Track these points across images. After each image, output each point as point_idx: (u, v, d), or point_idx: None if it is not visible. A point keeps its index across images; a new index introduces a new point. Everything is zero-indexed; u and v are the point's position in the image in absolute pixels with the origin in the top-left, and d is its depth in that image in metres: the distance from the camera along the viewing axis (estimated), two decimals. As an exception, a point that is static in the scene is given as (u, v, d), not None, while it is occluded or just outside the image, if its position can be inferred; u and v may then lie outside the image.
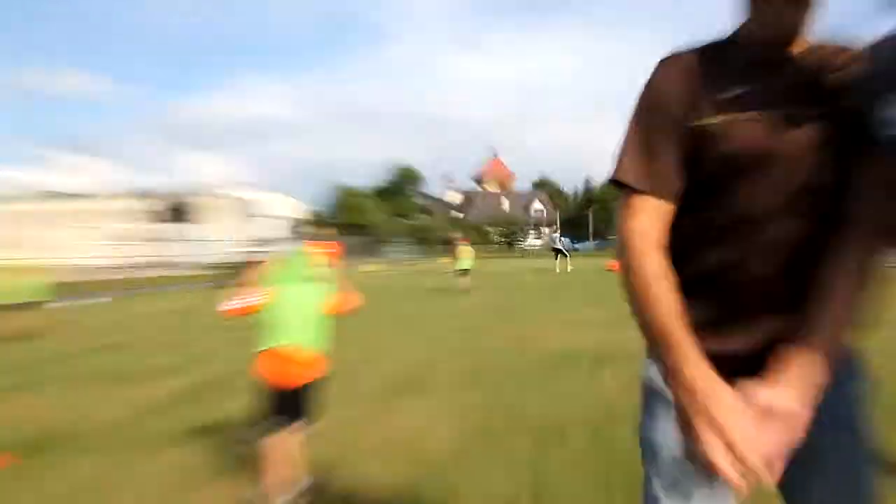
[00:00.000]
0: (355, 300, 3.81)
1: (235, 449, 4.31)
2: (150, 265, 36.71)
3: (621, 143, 1.40)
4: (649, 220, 1.34)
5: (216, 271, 25.64)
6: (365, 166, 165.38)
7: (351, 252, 62.88)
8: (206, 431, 4.78)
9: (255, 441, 3.60)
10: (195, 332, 10.31)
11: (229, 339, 9.02)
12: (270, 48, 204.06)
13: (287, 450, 3.43)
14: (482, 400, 5.50)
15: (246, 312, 3.48)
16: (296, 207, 60.50)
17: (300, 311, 3.45)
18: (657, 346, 1.24)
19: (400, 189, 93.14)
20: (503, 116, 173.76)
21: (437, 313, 12.53)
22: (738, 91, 1.31)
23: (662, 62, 1.40)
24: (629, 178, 1.36)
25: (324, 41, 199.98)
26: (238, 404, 5.45)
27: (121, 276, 28.30)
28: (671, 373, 1.21)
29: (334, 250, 3.91)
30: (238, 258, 24.83)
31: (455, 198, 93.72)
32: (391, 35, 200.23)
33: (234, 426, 4.85)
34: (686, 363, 1.19)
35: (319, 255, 3.71)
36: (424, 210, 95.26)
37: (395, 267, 40.28)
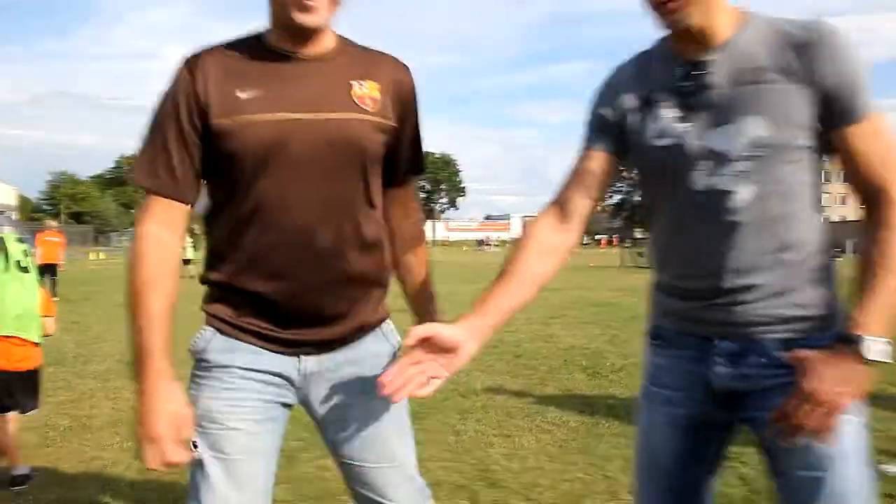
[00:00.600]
0: (51, 307, 3.54)
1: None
2: None
3: (141, 145, 1.36)
4: (161, 222, 1.33)
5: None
6: (89, 154, 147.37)
7: (75, 241, 56.33)
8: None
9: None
10: None
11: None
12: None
13: (5, 435, 3.25)
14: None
15: None
16: (8, 192, 52.34)
17: (13, 299, 3.23)
18: (143, 335, 1.28)
19: (128, 179, 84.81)
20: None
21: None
22: (250, 94, 1.31)
23: (184, 61, 1.35)
24: (141, 179, 1.34)
25: (35, 13, 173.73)
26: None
27: None
28: (140, 358, 1.28)
29: (56, 240, 3.68)
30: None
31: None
32: (112, 14, 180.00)
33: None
34: (147, 368, 1.27)
35: (27, 245, 3.49)
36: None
37: (123, 256, 36.78)
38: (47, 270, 11.08)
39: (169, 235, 1.34)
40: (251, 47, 1.37)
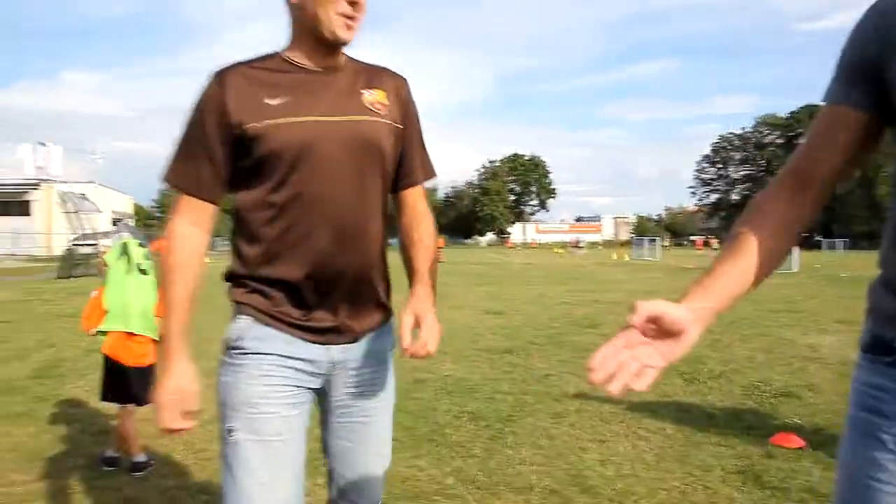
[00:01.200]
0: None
1: (85, 425, 4.28)
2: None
3: (173, 150, 1.52)
4: (188, 218, 1.50)
5: (48, 263, 23.42)
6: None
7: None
8: (53, 410, 4.66)
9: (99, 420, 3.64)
10: (33, 321, 9.56)
11: (65, 328, 8.53)
12: (94, 42, 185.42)
13: (127, 427, 3.49)
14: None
15: (93, 314, 3.51)
16: (125, 201, 56.15)
17: (136, 299, 3.48)
18: (166, 317, 1.48)
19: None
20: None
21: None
22: (278, 100, 1.45)
23: (214, 75, 1.49)
24: (171, 180, 1.52)
25: (150, 36, 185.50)
26: (82, 385, 5.36)
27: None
28: (162, 338, 1.51)
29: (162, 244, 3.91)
30: (70, 251, 22.84)
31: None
32: (214, 33, 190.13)
33: (79, 405, 4.77)
34: (165, 346, 1.48)
35: (148, 248, 3.74)
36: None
37: (228, 259, 38.66)
38: None
39: (194, 231, 1.51)
40: (274, 62, 1.53)
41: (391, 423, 1.70)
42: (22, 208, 42.07)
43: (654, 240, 41.48)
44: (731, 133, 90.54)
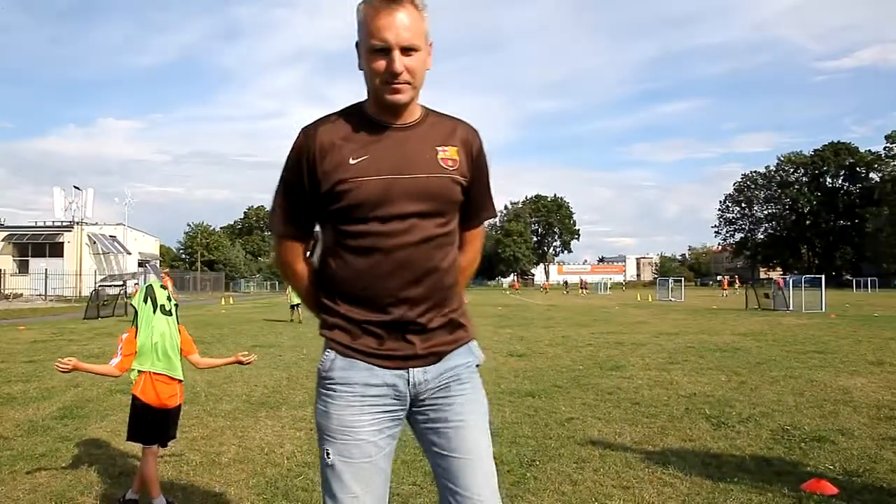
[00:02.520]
0: (193, 346, 3.76)
1: (105, 466, 4.28)
2: (8, 298, 33.23)
3: (272, 199, 1.79)
4: (288, 252, 1.83)
5: (76, 304, 23.78)
6: (220, 207, 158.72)
7: (209, 286, 60.34)
8: (75, 451, 4.67)
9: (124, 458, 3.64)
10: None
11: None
12: (125, 86, 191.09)
13: (150, 467, 3.49)
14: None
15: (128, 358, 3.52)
16: (153, 243, 57.12)
17: (161, 339, 3.50)
18: (309, 306, 1.87)
19: (254, 229, 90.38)
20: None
21: (287, 343, 12.53)
22: (359, 159, 1.66)
23: (303, 132, 1.72)
24: (274, 228, 1.81)
25: (178, 83, 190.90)
26: (104, 426, 5.37)
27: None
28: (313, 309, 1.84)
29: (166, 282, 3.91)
30: (97, 291, 23.20)
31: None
32: (244, 82, 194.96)
33: (101, 446, 4.78)
34: (311, 309, 1.86)
35: (170, 289, 3.79)
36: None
37: (248, 301, 39.00)
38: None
39: (291, 260, 1.85)
40: (356, 118, 1.72)
41: (486, 433, 1.80)
42: (54, 250, 43.01)
43: (678, 280, 41.00)
44: (754, 172, 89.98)
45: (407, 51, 1.63)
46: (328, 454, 1.68)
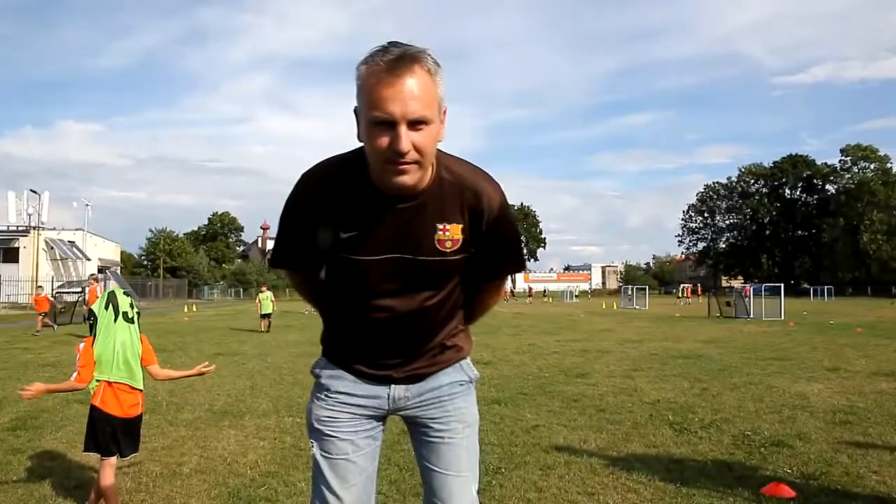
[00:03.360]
0: (153, 356, 3.64)
1: (60, 479, 4.16)
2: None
3: (276, 236, 1.78)
4: (294, 277, 1.83)
5: (32, 311, 23.11)
6: (183, 212, 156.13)
7: (171, 293, 59.25)
8: (28, 463, 4.52)
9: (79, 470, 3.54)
10: (14, 369, 9.37)
11: (46, 378, 8.35)
12: (85, 90, 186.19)
13: (108, 479, 3.38)
14: (293, 422, 5.69)
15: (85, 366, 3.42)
16: (113, 249, 55.92)
17: (124, 348, 3.42)
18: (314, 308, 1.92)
19: (219, 235, 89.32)
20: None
21: (251, 351, 12.36)
22: (350, 234, 1.59)
23: (304, 180, 1.64)
24: (275, 263, 1.78)
25: (140, 86, 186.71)
26: (59, 437, 5.22)
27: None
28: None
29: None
30: (54, 298, 22.59)
31: (270, 245, 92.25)
32: (209, 86, 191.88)
33: (56, 458, 4.65)
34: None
35: (133, 298, 3.68)
36: (243, 256, 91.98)
37: (212, 308, 38.40)
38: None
39: (300, 281, 1.86)
40: (357, 181, 1.57)
41: (471, 446, 1.85)
42: (9, 255, 41.80)
43: (642, 289, 41.58)
44: (716, 182, 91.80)
45: (415, 124, 1.40)
46: (312, 446, 1.78)
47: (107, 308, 3.48)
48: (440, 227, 1.58)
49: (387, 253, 1.59)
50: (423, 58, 1.42)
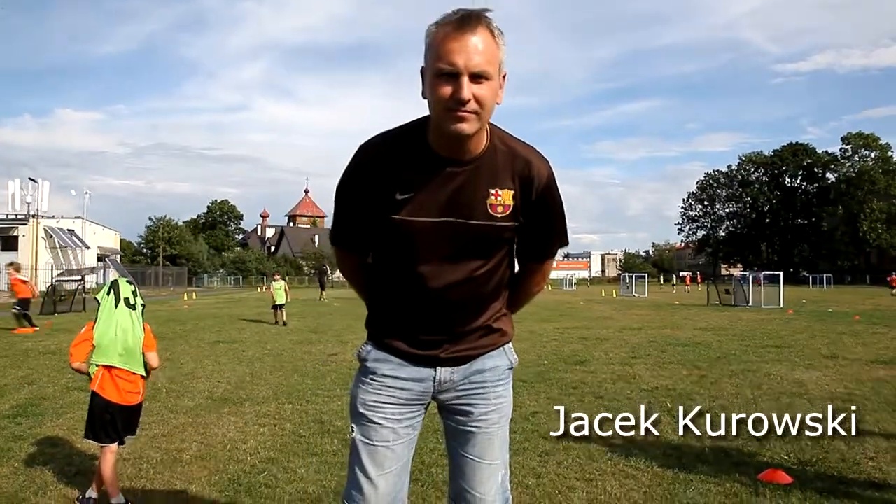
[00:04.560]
0: (154, 342, 3.63)
1: (61, 466, 4.18)
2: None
3: (333, 213, 1.82)
4: (346, 260, 1.90)
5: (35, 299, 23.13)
6: (183, 200, 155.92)
7: (171, 281, 59.30)
8: (29, 450, 4.54)
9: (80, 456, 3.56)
10: (14, 356, 9.40)
11: (47, 365, 8.41)
12: (84, 78, 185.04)
13: (109, 466, 3.41)
14: (293, 409, 5.71)
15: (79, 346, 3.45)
16: (113, 237, 55.88)
17: (124, 333, 3.44)
18: (361, 297, 1.96)
19: (218, 223, 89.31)
20: (315, 159, 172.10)
21: (251, 339, 12.38)
22: (406, 196, 1.65)
23: (362, 149, 1.71)
24: (334, 241, 1.85)
25: (140, 74, 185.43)
26: (60, 424, 5.25)
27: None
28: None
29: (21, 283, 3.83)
30: (54, 286, 22.60)
31: (270, 233, 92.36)
32: (209, 74, 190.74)
33: (57, 444, 4.67)
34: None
35: (134, 283, 3.71)
36: (242, 244, 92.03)
37: (212, 296, 38.44)
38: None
39: (350, 265, 1.92)
40: (414, 145, 1.66)
41: (504, 436, 1.88)
42: (9, 244, 41.76)
43: (642, 276, 41.60)
44: (716, 170, 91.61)
45: (477, 78, 1.52)
46: (352, 431, 1.81)
47: (108, 294, 3.50)
48: (492, 191, 1.66)
49: (440, 216, 1.65)
50: (488, 20, 1.55)
